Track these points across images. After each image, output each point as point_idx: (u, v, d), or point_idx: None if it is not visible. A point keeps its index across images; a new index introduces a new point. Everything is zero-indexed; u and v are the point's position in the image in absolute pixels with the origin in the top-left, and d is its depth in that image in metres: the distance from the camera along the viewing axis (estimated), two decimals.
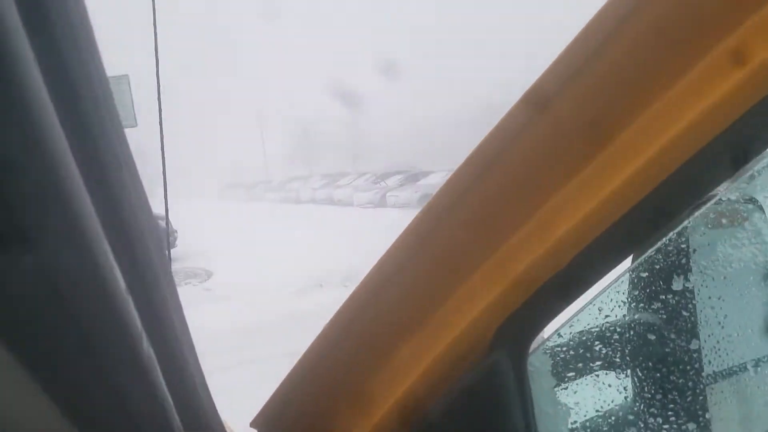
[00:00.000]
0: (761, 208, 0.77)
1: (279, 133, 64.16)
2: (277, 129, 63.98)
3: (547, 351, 0.65)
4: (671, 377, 0.69)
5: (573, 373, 0.67)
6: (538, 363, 0.61)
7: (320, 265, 9.64)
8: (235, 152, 67.40)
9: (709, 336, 0.70)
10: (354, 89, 73.29)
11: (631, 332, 0.70)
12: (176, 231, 12.85)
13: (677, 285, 0.68)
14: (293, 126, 64.59)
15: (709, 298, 0.70)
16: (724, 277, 0.71)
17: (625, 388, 0.71)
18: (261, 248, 13.00)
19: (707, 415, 0.70)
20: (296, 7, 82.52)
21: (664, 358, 0.69)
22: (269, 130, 63.73)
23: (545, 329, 0.57)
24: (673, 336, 0.69)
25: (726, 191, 0.72)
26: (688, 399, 0.69)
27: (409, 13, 71.51)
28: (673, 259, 0.68)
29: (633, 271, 0.69)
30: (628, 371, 0.71)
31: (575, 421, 0.67)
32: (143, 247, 0.42)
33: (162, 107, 1.60)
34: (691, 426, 0.69)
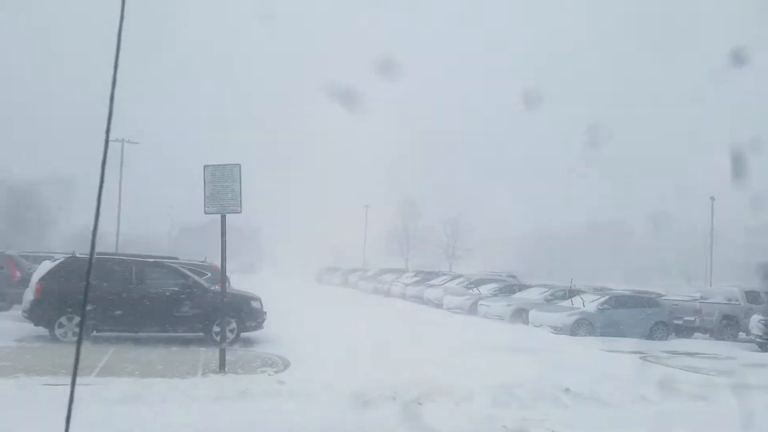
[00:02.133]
0: None
1: (382, 223, 65.31)
2: (381, 219, 65.24)
3: None
4: None
5: None
6: None
7: (397, 373, 9.07)
8: (339, 236, 69.16)
9: None
10: (459, 187, 74.16)
11: None
12: (265, 313, 12.88)
13: None
14: (395, 218, 65.60)
15: None
16: None
17: None
18: (342, 343, 12.64)
19: None
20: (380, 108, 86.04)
21: None
22: (373, 218, 65.09)
23: None
24: None
25: None
26: None
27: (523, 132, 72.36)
28: None
29: None
30: None
31: None
32: None
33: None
34: None
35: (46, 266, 11.92)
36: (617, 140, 67.40)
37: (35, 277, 11.71)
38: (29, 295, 11.55)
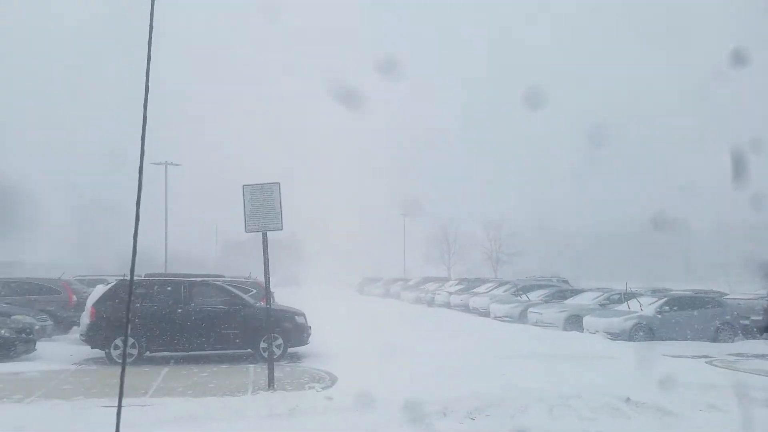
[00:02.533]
0: None
1: (421, 231, 65.00)
2: (419, 226, 64.97)
3: None
4: None
5: None
6: None
7: (447, 387, 8.87)
8: (379, 247, 69.22)
9: None
10: (498, 190, 73.21)
11: None
12: (310, 327, 12.87)
13: None
14: (435, 225, 65.15)
15: None
16: None
17: None
18: (388, 356, 12.49)
19: None
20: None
21: None
22: (412, 226, 64.86)
23: None
24: None
25: None
26: None
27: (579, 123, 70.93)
28: None
29: None
30: None
31: None
32: None
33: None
34: None
35: (99, 290, 12.24)
36: (670, 134, 65.38)
37: (90, 301, 12.04)
38: (85, 318, 11.89)
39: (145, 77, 2.12)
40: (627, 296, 19.52)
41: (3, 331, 11.44)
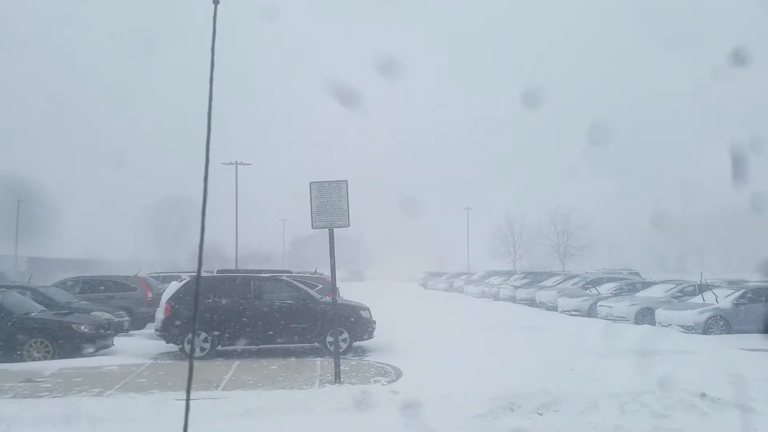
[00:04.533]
0: None
1: (486, 223, 64.22)
2: (484, 219, 64.19)
3: None
4: None
5: None
6: None
7: (514, 382, 8.76)
8: (444, 240, 68.92)
9: None
10: (563, 177, 71.17)
11: None
12: (374, 321, 13.03)
13: None
14: (499, 217, 64.17)
15: None
16: None
17: None
18: (453, 350, 12.47)
19: None
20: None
21: None
22: (477, 220, 64.18)
23: None
24: None
25: None
26: None
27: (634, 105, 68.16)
28: None
29: None
30: None
31: None
32: None
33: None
34: None
35: (173, 287, 12.83)
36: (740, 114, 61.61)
37: (164, 297, 12.63)
38: (160, 314, 12.48)
39: (209, 80, 2.23)
40: (701, 288, 18.63)
41: (83, 327, 12.17)
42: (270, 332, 12.40)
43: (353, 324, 12.56)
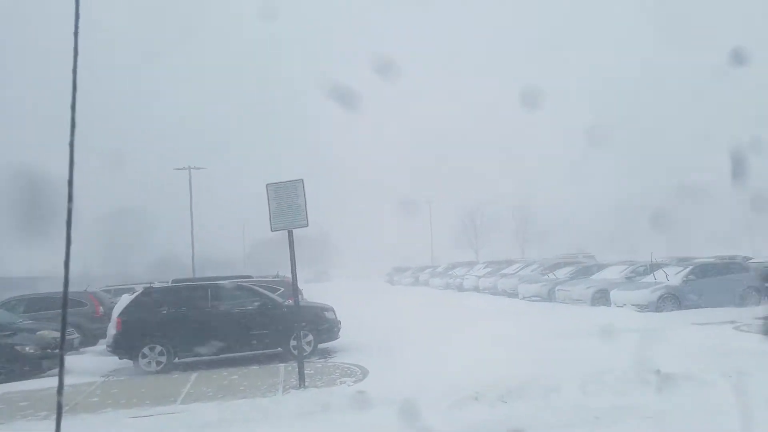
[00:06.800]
0: None
1: (447, 215, 64.71)
2: (445, 211, 64.67)
3: None
4: None
5: None
6: None
7: (478, 371, 8.81)
8: (405, 235, 68.98)
9: None
10: (522, 168, 72.39)
11: None
12: (339, 322, 12.92)
13: None
14: (460, 208, 64.77)
15: None
16: None
17: None
18: (418, 345, 12.48)
19: None
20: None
21: None
22: (438, 213, 64.59)
23: None
24: None
25: None
26: None
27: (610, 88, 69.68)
28: None
29: None
30: None
31: None
32: None
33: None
34: None
35: (125, 300, 12.42)
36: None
37: (116, 312, 12.22)
38: (111, 329, 12.07)
39: (72, 79, 2.02)
40: (653, 267, 19.24)
41: (28, 348, 11.65)
42: (230, 340, 12.12)
43: (317, 326, 12.42)
